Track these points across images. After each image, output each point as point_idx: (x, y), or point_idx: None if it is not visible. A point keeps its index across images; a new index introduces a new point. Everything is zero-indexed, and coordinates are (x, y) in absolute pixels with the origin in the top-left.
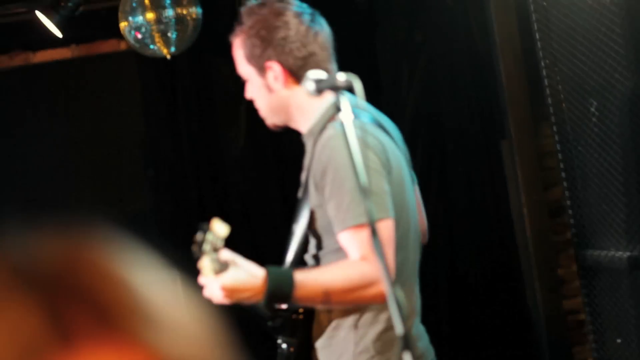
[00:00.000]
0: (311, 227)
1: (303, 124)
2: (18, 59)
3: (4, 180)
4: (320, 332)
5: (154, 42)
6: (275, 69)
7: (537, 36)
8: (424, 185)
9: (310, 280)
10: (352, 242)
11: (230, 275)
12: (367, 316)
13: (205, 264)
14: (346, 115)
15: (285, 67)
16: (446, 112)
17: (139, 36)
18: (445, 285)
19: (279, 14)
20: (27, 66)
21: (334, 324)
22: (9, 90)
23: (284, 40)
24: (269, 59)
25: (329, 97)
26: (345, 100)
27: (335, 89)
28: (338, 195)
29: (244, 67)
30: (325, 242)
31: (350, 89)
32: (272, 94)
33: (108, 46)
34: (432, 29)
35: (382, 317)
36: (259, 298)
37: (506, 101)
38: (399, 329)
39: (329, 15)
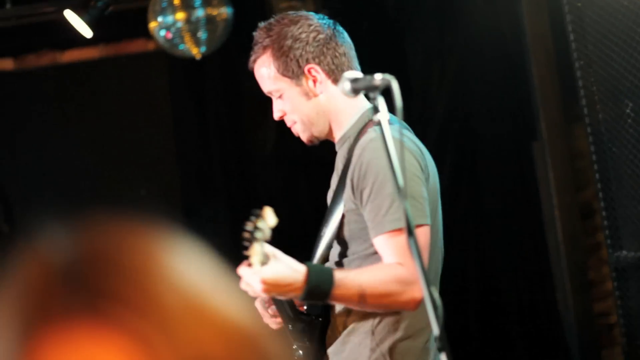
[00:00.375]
0: (340, 232)
1: (338, 128)
2: (46, 58)
3: (31, 178)
4: (334, 337)
5: (183, 42)
6: (314, 72)
7: (572, 37)
8: (455, 187)
9: (348, 280)
10: (389, 246)
11: (272, 268)
12: (385, 323)
13: (257, 251)
14: (383, 115)
15: (323, 68)
16: (477, 114)
17: (169, 36)
18: (474, 286)
19: (304, 18)
20: (54, 65)
21: (349, 328)
22: (37, 89)
23: (317, 42)
24: (307, 62)
25: (363, 101)
26: (382, 100)
27: (372, 88)
28: (378, 198)
29: (275, 83)
30: (353, 248)
31: (386, 89)
32: (310, 101)
33: (136, 46)
34: (463, 30)
35: (401, 325)
36: (297, 294)
37: (538, 102)
38: (435, 329)
39: (358, 17)
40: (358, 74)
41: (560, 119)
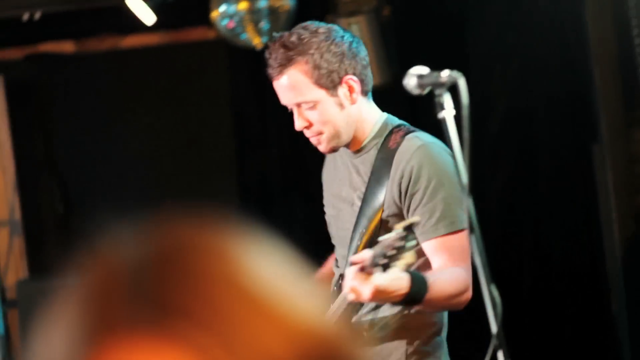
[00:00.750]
0: (377, 236)
1: (361, 136)
2: (107, 43)
3: (88, 160)
4: (360, 335)
5: (245, 32)
6: (352, 81)
7: (637, 42)
8: (513, 186)
9: (435, 284)
10: (445, 249)
11: (385, 276)
12: (419, 319)
13: (409, 258)
14: (449, 112)
15: (358, 78)
16: (538, 114)
17: (231, 25)
18: (530, 287)
19: (332, 30)
20: (115, 50)
21: (381, 324)
22: (96, 74)
23: (351, 53)
24: (346, 73)
25: (377, 109)
26: (449, 97)
27: (438, 85)
28: (430, 202)
29: (310, 94)
30: None
31: (453, 86)
32: (343, 111)
33: (197, 34)
34: (526, 30)
35: (433, 320)
36: (397, 300)
37: (600, 105)
38: (493, 327)
39: (421, 13)
40: (425, 69)
41: (621, 122)
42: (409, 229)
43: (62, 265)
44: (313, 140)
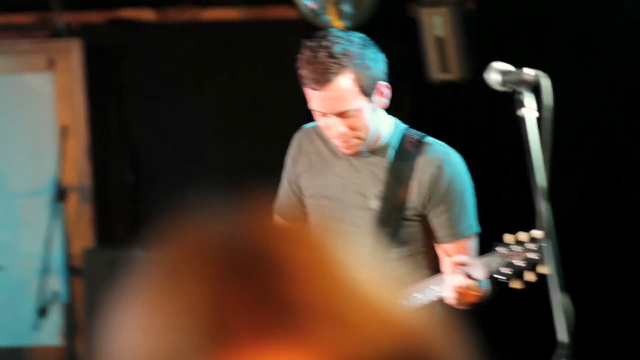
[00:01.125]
0: (397, 233)
1: (379, 138)
2: (187, 14)
3: (160, 130)
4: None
5: (326, 14)
6: (385, 88)
7: None
8: (587, 194)
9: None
10: (469, 249)
11: (486, 281)
12: None
13: (543, 270)
14: (530, 112)
15: (386, 82)
16: (614, 122)
17: (314, 6)
18: (602, 299)
19: (361, 37)
20: (195, 22)
21: None
22: (175, 44)
23: (383, 61)
24: (379, 78)
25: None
26: (531, 95)
27: (521, 83)
28: (459, 209)
29: (356, 102)
30: (402, 248)
31: (536, 86)
32: (375, 116)
33: (277, 12)
34: (609, 35)
35: None
36: (478, 300)
37: None
38: (562, 336)
39: (504, 9)
40: (507, 65)
41: None
42: (540, 242)
43: (129, 236)
44: (342, 144)
